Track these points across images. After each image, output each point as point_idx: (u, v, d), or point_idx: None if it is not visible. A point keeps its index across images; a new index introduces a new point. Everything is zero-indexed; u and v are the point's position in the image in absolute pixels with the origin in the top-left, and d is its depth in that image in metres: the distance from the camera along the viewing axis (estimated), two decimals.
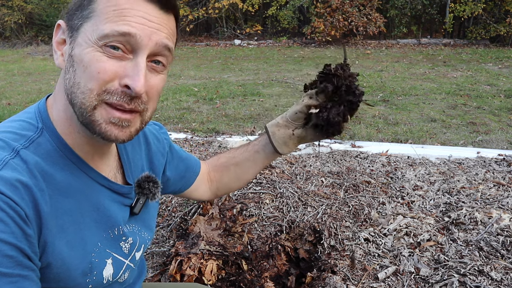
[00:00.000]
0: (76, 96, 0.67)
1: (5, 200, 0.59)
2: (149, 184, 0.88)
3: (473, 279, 1.83)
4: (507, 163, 3.34)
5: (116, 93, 0.67)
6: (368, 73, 8.58)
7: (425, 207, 2.55)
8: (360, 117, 5.36)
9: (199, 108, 5.94)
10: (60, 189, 0.70)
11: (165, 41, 0.70)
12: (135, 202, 0.87)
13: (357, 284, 1.85)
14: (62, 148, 0.72)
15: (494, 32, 13.48)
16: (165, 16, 0.70)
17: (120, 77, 0.67)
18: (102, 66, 0.65)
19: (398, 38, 14.76)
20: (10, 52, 14.33)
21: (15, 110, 5.89)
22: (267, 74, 8.82)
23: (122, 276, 0.84)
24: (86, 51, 0.66)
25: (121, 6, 0.65)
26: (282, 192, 2.65)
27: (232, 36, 16.17)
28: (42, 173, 0.68)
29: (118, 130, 0.69)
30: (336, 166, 3.27)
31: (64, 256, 0.69)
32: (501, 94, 6.62)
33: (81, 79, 0.66)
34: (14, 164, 0.64)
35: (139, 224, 0.90)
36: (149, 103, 0.72)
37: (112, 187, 0.81)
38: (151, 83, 0.70)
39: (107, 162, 0.83)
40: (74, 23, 0.69)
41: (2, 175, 0.61)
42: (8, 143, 0.67)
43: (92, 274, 0.75)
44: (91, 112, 0.67)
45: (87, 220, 0.75)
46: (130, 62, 0.67)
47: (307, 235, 2.13)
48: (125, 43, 0.66)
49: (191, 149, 3.77)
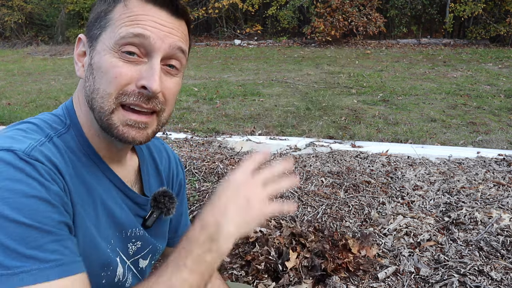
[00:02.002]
0: (95, 101, 0.71)
1: (45, 168, 0.63)
2: (165, 199, 0.90)
3: (473, 279, 1.83)
4: (507, 163, 3.34)
5: (133, 94, 0.70)
6: (368, 73, 8.59)
7: (425, 207, 2.55)
8: (360, 117, 5.36)
9: (199, 108, 5.94)
10: (84, 181, 0.73)
11: (178, 43, 0.73)
12: (149, 215, 0.89)
13: (357, 284, 1.85)
14: (86, 147, 0.76)
15: (494, 32, 13.48)
16: (177, 21, 0.74)
17: (137, 80, 0.70)
18: (119, 71, 0.69)
19: (398, 38, 14.76)
20: (10, 52, 14.33)
21: (15, 110, 5.89)
22: (267, 74, 8.82)
23: (128, 279, 0.85)
24: (104, 58, 0.70)
25: (135, 13, 0.70)
26: (282, 192, 2.65)
27: (232, 36, 16.18)
28: (71, 161, 0.72)
29: (135, 132, 0.73)
30: (336, 166, 3.27)
31: (94, 235, 0.73)
32: (501, 94, 6.62)
33: (100, 84, 0.70)
34: (49, 146, 0.69)
35: (151, 235, 0.91)
36: (166, 104, 0.75)
37: (128, 194, 0.84)
38: (166, 85, 0.73)
39: (125, 170, 0.85)
40: (93, 33, 0.73)
41: (40, 150, 0.66)
42: (42, 129, 0.72)
43: (108, 269, 0.77)
44: (109, 116, 0.71)
45: (103, 217, 0.77)
46: (145, 65, 0.71)
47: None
48: (140, 45, 0.70)
49: (191, 149, 3.77)
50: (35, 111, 5.80)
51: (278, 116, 5.42)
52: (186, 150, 3.70)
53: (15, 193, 0.59)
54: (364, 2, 13.82)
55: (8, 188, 0.58)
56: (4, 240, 0.56)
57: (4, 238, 0.56)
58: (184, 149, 3.78)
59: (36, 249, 0.58)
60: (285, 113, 5.57)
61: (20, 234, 0.57)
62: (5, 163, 0.60)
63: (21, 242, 0.57)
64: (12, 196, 0.58)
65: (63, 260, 0.61)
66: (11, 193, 0.58)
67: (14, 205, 0.58)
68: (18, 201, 0.58)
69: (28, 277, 0.56)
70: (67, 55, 13.18)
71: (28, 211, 0.58)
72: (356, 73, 8.58)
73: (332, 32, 13.36)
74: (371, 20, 13.54)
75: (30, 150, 0.64)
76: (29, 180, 0.60)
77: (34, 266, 0.57)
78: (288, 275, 1.84)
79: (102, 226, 0.76)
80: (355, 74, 8.49)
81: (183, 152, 3.58)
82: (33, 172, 0.62)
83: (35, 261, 0.57)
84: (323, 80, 7.99)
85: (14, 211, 0.57)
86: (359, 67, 9.57)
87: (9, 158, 0.61)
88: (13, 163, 0.61)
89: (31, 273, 0.57)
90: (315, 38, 13.79)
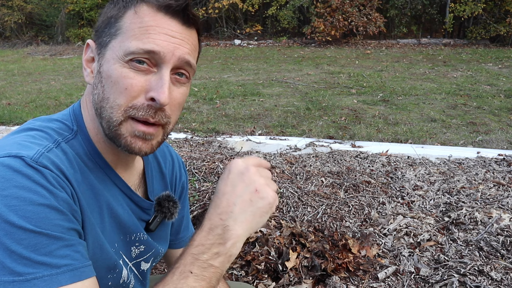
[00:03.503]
0: (105, 110, 0.71)
1: (52, 175, 0.64)
2: (169, 204, 0.90)
3: (473, 279, 1.83)
4: (507, 163, 3.34)
5: (142, 108, 0.70)
6: (368, 73, 8.59)
7: (425, 207, 2.55)
8: (360, 117, 5.36)
9: (199, 108, 5.94)
10: (90, 186, 0.74)
11: (187, 57, 0.72)
12: (152, 219, 0.89)
13: (357, 284, 1.85)
14: (92, 152, 0.76)
15: (494, 32, 13.49)
16: (187, 31, 0.73)
17: (146, 91, 0.70)
18: (129, 82, 0.69)
19: (398, 38, 14.76)
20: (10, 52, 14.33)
21: (15, 110, 5.89)
22: (267, 74, 8.82)
23: (131, 280, 0.86)
24: (114, 67, 0.70)
25: (146, 24, 0.69)
26: (282, 192, 2.65)
27: (232, 36, 16.18)
28: (79, 166, 0.72)
29: (142, 143, 0.73)
30: (336, 166, 3.27)
31: (102, 239, 0.74)
32: (501, 94, 6.62)
33: (110, 94, 0.70)
34: (56, 152, 0.69)
35: (154, 239, 0.92)
36: (171, 116, 0.75)
37: (133, 198, 0.84)
38: (173, 95, 0.73)
39: (130, 174, 0.86)
40: (102, 40, 0.73)
41: (48, 156, 0.65)
42: (51, 135, 0.72)
43: (114, 272, 0.78)
44: (117, 127, 0.71)
45: (109, 221, 0.78)
46: (154, 76, 0.70)
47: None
48: (150, 58, 0.69)
49: (191, 149, 3.77)
50: (35, 111, 5.80)
51: (278, 116, 5.42)
52: (186, 150, 3.70)
53: (23, 201, 0.59)
54: (364, 2, 13.82)
55: (16, 196, 0.59)
56: (14, 247, 0.57)
57: (14, 246, 0.57)
58: (184, 149, 3.78)
59: (46, 256, 0.58)
60: (285, 113, 5.57)
61: (30, 241, 0.58)
62: (13, 170, 0.60)
63: (31, 249, 0.57)
64: (20, 204, 0.58)
65: (75, 264, 0.61)
66: (19, 201, 0.58)
67: (22, 213, 0.58)
68: (26, 209, 0.58)
69: (41, 283, 0.57)
70: (67, 55, 13.18)
71: (37, 219, 0.59)
72: (356, 73, 8.58)
73: (332, 32, 13.36)
74: (371, 20, 13.54)
75: (38, 156, 0.64)
76: (37, 188, 0.60)
77: (46, 272, 0.58)
78: (288, 275, 1.84)
79: (107, 230, 0.77)
80: (355, 74, 8.49)
81: (183, 152, 3.58)
82: (41, 179, 0.61)
83: (47, 267, 0.58)
84: (323, 80, 7.99)
85: (22, 219, 0.58)
86: (359, 67, 9.56)
87: (17, 165, 0.61)
88: (21, 170, 0.61)
89: (44, 279, 0.57)
90: (315, 38, 13.79)
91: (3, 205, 0.57)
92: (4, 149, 0.64)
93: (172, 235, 1.03)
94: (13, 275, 0.56)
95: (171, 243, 1.03)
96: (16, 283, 0.56)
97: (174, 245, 1.05)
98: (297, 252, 1.96)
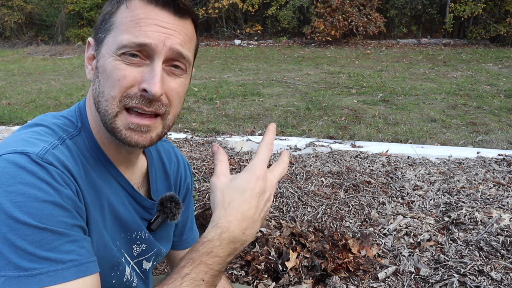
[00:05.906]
0: (101, 104, 0.72)
1: (57, 172, 0.64)
2: (172, 204, 0.90)
3: (473, 279, 1.83)
4: (507, 163, 3.34)
5: (136, 97, 0.70)
6: (368, 73, 8.59)
7: (425, 207, 2.55)
8: (360, 117, 5.36)
9: (199, 108, 5.94)
10: (92, 183, 0.74)
11: (178, 48, 0.71)
12: (154, 219, 0.89)
13: (357, 284, 1.85)
14: (95, 149, 0.77)
15: (494, 32, 13.49)
16: (180, 21, 0.72)
17: (139, 82, 0.70)
18: (122, 74, 0.69)
19: (398, 38, 14.76)
20: (10, 52, 14.33)
21: (15, 110, 5.89)
22: (267, 74, 8.82)
23: (134, 278, 0.86)
24: (108, 60, 0.71)
25: (137, 17, 0.70)
26: (282, 192, 2.65)
27: (232, 36, 16.18)
28: (82, 163, 0.73)
29: (138, 136, 0.72)
30: (336, 166, 3.27)
31: (106, 236, 0.75)
32: (501, 94, 6.62)
33: (105, 87, 0.71)
34: (61, 148, 0.70)
35: (156, 239, 0.92)
36: (170, 106, 0.74)
37: (135, 196, 0.84)
38: (170, 86, 0.73)
39: (133, 172, 0.86)
40: (99, 37, 0.74)
41: (53, 153, 0.66)
42: (56, 132, 0.73)
43: (118, 269, 0.79)
44: (113, 119, 0.71)
45: (110, 218, 0.78)
46: (147, 67, 0.70)
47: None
48: (142, 51, 0.70)
49: (191, 149, 3.77)
50: (35, 111, 5.80)
51: (278, 116, 5.42)
52: (186, 150, 3.70)
53: (28, 198, 0.59)
54: (364, 2, 13.82)
55: (21, 192, 0.59)
56: (20, 243, 0.57)
57: (19, 241, 0.57)
58: (184, 149, 3.78)
59: (51, 251, 0.59)
60: (285, 113, 5.57)
61: (34, 237, 0.58)
62: (18, 166, 0.61)
63: (36, 245, 0.58)
64: (25, 200, 0.59)
65: (80, 260, 0.62)
66: (24, 197, 0.59)
67: (27, 209, 0.58)
68: (31, 206, 0.59)
69: (46, 278, 0.58)
70: (67, 55, 13.17)
71: (41, 216, 0.59)
72: (356, 73, 8.58)
73: (332, 32, 13.36)
74: (371, 20, 13.54)
75: (43, 153, 0.64)
76: (42, 184, 0.61)
77: (51, 268, 0.58)
78: (288, 275, 1.84)
79: (109, 227, 0.77)
80: (355, 74, 8.49)
81: (183, 152, 3.58)
82: (46, 176, 0.62)
83: (52, 263, 0.59)
84: (323, 80, 7.99)
85: (27, 215, 0.58)
86: (359, 67, 9.56)
87: (22, 161, 0.62)
88: (26, 167, 0.61)
89: (49, 275, 0.58)
90: (315, 38, 13.79)
91: (8, 201, 0.58)
92: (10, 145, 0.65)
93: (176, 236, 1.03)
94: (18, 270, 0.56)
95: (174, 244, 1.03)
96: (22, 278, 0.56)
97: (178, 246, 1.05)
98: (297, 252, 1.96)
